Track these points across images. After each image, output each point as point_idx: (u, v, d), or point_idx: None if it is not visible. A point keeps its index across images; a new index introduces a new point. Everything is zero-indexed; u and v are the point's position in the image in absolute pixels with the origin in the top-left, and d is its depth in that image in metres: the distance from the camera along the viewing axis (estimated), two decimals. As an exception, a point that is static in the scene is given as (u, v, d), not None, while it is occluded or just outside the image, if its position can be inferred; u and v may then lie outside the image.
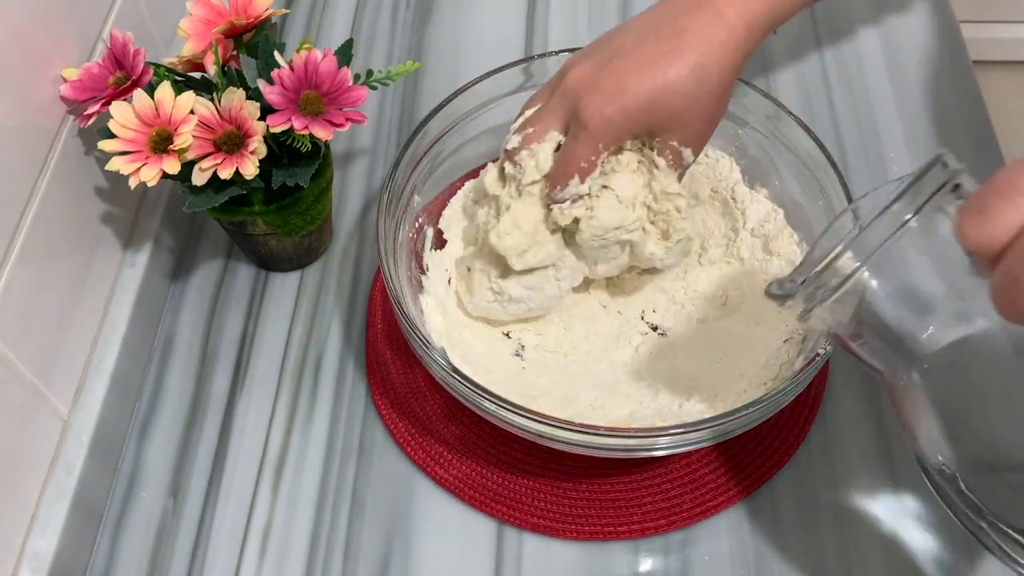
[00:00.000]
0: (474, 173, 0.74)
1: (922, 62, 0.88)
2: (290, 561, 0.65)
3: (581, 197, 0.62)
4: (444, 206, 0.73)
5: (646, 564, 0.64)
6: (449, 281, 0.71)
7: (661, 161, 0.62)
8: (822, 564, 0.63)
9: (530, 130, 0.63)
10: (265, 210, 0.70)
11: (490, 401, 0.58)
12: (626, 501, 0.66)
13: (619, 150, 0.63)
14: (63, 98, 0.65)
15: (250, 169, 0.64)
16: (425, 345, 0.59)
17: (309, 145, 0.66)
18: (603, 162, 0.62)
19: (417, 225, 0.70)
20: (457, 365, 0.60)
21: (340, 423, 0.71)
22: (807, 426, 0.68)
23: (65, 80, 0.64)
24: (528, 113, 0.65)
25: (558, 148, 0.63)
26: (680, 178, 0.64)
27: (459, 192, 0.74)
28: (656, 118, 0.60)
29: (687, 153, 0.62)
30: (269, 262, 0.77)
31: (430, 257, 0.71)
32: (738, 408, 0.57)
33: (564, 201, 0.63)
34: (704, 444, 0.59)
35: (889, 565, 0.63)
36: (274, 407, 0.72)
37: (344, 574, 0.64)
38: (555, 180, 0.62)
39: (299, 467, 0.69)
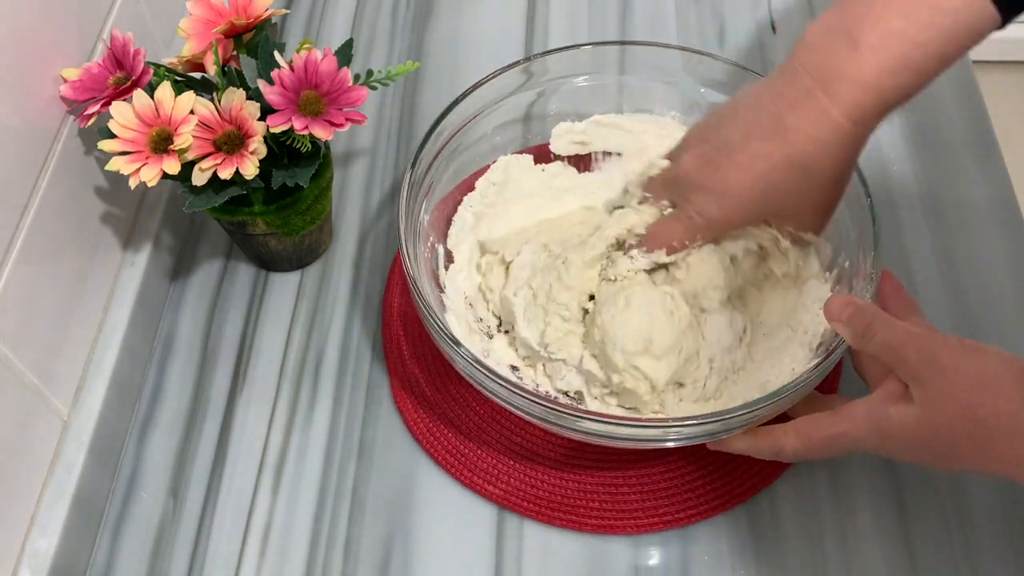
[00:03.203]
0: (468, 183, 0.74)
1: (922, 62, 0.88)
2: (290, 561, 0.65)
3: (662, 267, 0.68)
4: (447, 223, 0.73)
5: (645, 559, 0.64)
6: (466, 298, 0.72)
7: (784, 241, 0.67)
8: (822, 566, 0.63)
9: (648, 195, 0.69)
10: (265, 210, 0.70)
11: (501, 385, 0.58)
12: (628, 496, 0.66)
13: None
14: (63, 98, 0.65)
15: (250, 169, 0.64)
16: (442, 332, 0.60)
17: (309, 145, 0.66)
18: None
19: (430, 244, 0.70)
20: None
21: (340, 423, 0.70)
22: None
23: (65, 80, 0.64)
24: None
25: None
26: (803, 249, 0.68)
27: (460, 209, 0.74)
28: (764, 213, 0.64)
29: (808, 236, 0.66)
30: (269, 262, 0.77)
31: (444, 276, 0.71)
32: (747, 403, 0.57)
33: (642, 258, 0.67)
34: (713, 438, 0.59)
35: (889, 567, 0.63)
36: (274, 407, 0.72)
37: (344, 574, 0.64)
38: (646, 242, 0.67)
39: (299, 467, 0.69)
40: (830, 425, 0.57)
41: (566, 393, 0.68)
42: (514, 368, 0.69)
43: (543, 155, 0.76)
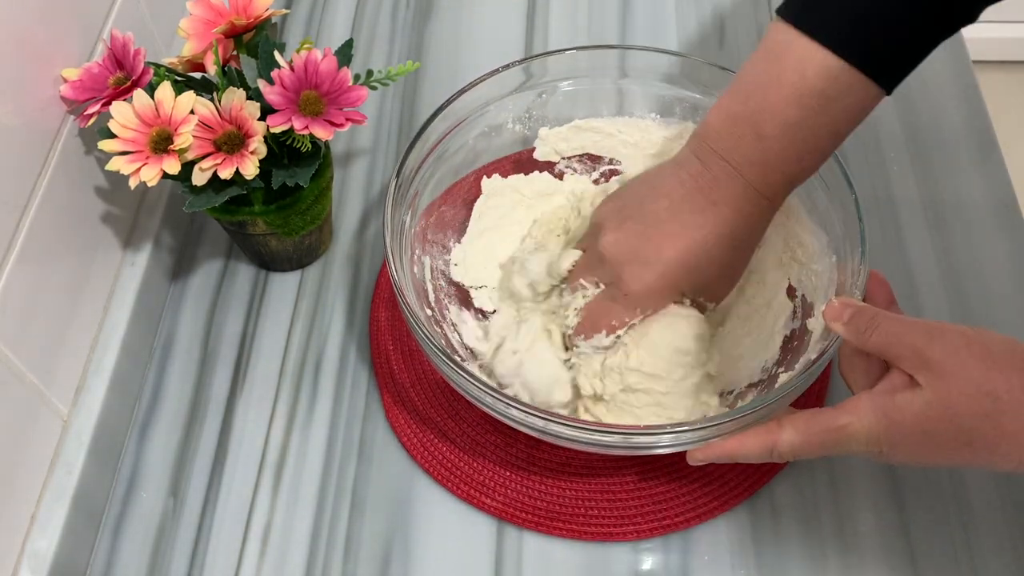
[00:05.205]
0: (455, 190, 0.74)
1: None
2: (290, 561, 0.65)
3: (603, 349, 0.64)
4: (437, 234, 0.72)
5: (646, 564, 0.64)
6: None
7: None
8: (822, 566, 0.64)
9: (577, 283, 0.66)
10: (265, 210, 0.70)
11: (492, 396, 0.58)
12: (628, 502, 0.66)
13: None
14: (63, 98, 0.65)
15: (250, 169, 0.64)
16: (428, 338, 0.60)
17: (309, 145, 0.66)
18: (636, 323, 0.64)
19: (416, 255, 0.69)
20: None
21: (340, 423, 0.70)
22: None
23: (65, 80, 0.64)
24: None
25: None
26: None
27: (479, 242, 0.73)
28: (691, 283, 0.63)
29: (710, 307, 0.67)
30: (269, 262, 0.77)
31: (432, 294, 0.70)
32: (740, 408, 0.57)
33: (586, 347, 0.65)
34: (707, 442, 0.58)
35: (889, 566, 0.63)
36: (274, 407, 0.72)
37: (344, 574, 0.64)
38: (582, 329, 0.65)
39: (299, 467, 0.69)
40: (830, 418, 0.56)
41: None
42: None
43: (528, 163, 0.76)
